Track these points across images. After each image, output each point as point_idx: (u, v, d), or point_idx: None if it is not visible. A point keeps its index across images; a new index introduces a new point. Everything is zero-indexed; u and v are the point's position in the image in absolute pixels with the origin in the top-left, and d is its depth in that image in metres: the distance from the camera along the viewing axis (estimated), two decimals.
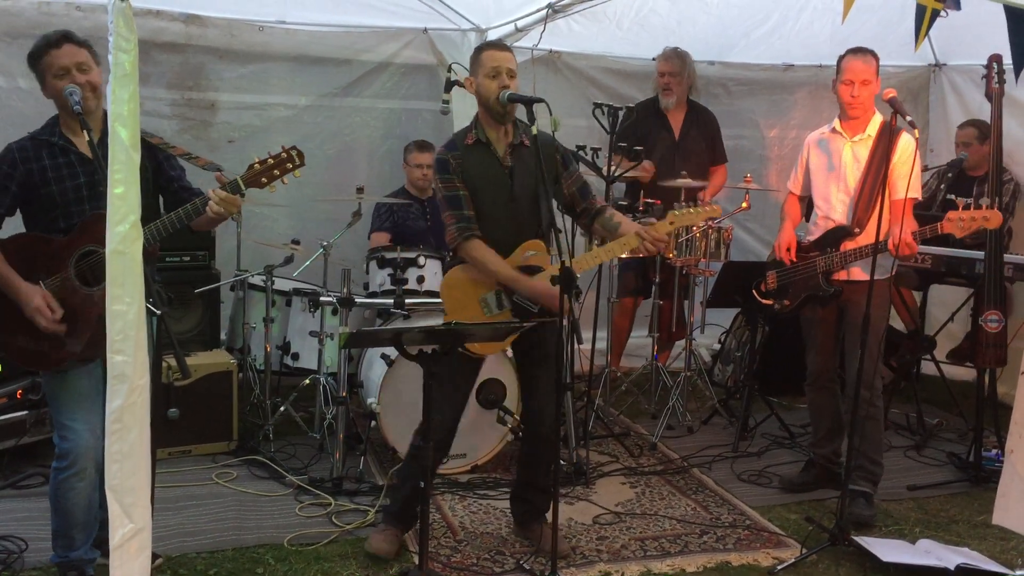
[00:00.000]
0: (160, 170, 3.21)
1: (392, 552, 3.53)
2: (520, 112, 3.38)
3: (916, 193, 3.98)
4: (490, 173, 3.45)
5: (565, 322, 3.16)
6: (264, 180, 2.99)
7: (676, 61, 5.53)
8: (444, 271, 3.75)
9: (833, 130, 4.14)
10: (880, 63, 3.98)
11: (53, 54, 2.96)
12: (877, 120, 4.05)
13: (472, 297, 3.46)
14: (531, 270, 3.44)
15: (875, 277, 3.85)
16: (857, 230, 4.01)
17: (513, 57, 3.43)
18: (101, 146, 2.96)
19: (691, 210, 3.72)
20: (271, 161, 2.99)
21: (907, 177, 3.84)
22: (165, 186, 3.23)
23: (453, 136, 3.59)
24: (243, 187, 2.96)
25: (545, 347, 3.51)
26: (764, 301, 4.40)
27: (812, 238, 4.20)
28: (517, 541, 3.72)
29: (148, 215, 2.69)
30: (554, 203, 3.43)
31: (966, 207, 3.98)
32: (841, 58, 4.04)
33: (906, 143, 3.95)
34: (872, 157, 4.00)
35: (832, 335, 4.20)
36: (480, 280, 3.46)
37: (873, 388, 3.97)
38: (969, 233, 3.80)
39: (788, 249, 4.19)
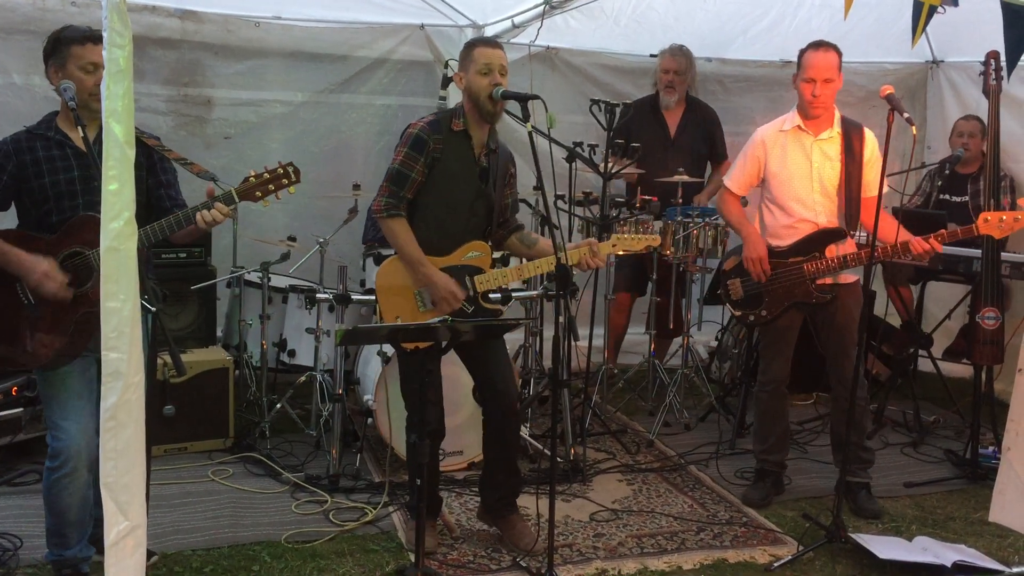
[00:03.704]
0: (152, 171, 3.16)
1: (432, 544, 3.52)
2: (515, 109, 3.36)
3: (877, 190, 3.85)
4: (465, 166, 3.46)
5: (561, 319, 3.16)
6: (259, 194, 3.01)
7: (682, 59, 5.55)
8: None
9: (798, 127, 3.93)
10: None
11: (89, 47, 2.94)
12: (839, 116, 3.93)
13: (408, 289, 3.48)
14: (472, 269, 3.50)
15: (852, 278, 3.88)
16: (853, 232, 3.88)
17: (504, 54, 3.43)
18: (97, 143, 2.95)
19: (634, 237, 3.74)
20: (267, 175, 3.00)
21: (881, 174, 3.71)
22: (152, 189, 3.17)
23: (438, 115, 3.52)
24: (236, 199, 2.98)
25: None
26: (734, 312, 4.17)
27: (783, 242, 3.96)
28: None
29: (139, 213, 2.67)
30: (551, 201, 3.44)
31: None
32: (802, 52, 3.87)
33: (872, 138, 3.90)
34: (845, 155, 3.86)
35: (794, 340, 4.06)
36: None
37: (855, 383, 3.80)
38: (1009, 233, 3.67)
39: (762, 260, 3.91)
